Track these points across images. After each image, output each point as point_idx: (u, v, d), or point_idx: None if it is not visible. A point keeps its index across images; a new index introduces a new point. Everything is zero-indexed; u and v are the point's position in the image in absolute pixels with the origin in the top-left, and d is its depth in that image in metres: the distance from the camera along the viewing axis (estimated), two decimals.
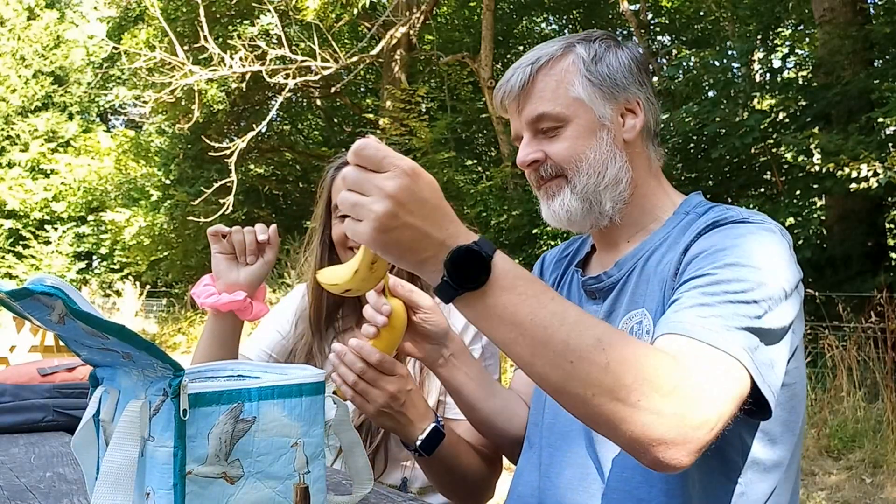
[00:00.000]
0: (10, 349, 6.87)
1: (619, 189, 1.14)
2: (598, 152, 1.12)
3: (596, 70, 1.12)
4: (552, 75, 1.13)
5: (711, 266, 0.95)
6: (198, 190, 12.57)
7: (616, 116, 1.14)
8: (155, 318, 16.74)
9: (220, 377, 0.91)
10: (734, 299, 0.90)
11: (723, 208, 1.11)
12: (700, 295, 0.92)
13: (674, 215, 1.16)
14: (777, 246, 0.99)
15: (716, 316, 0.88)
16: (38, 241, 21.05)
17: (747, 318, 0.89)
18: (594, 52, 1.14)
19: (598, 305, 1.16)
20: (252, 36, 11.33)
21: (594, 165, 1.12)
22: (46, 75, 21.89)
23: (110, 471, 0.77)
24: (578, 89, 1.12)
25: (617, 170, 1.13)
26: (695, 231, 1.05)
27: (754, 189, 8.96)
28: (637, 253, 1.14)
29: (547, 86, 1.13)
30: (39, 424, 1.65)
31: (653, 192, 1.19)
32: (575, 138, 1.12)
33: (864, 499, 4.27)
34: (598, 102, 1.12)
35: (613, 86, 1.13)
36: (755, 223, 1.02)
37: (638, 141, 1.17)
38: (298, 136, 18.26)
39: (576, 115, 1.12)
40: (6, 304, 0.78)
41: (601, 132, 1.13)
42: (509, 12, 15.42)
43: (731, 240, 0.98)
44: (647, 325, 1.07)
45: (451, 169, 10.07)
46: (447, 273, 0.78)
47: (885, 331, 5.38)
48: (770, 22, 9.57)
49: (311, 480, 0.88)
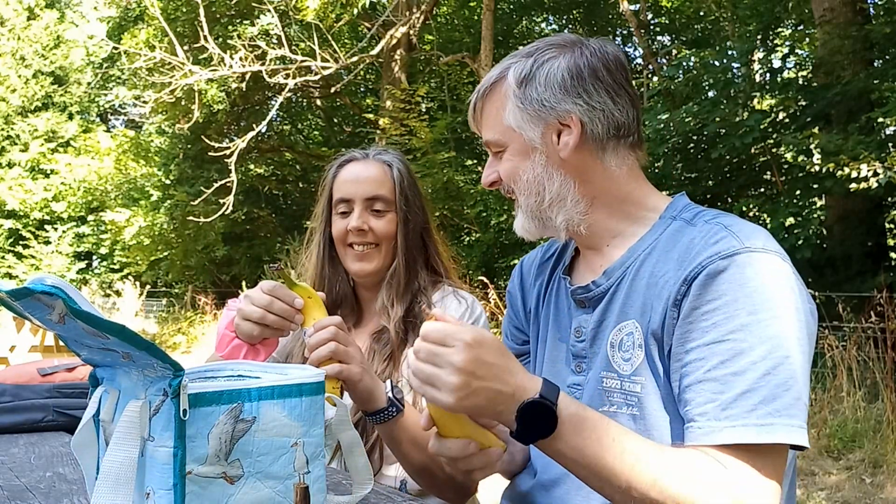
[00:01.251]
0: (10, 349, 6.87)
1: (568, 205, 1.15)
2: (531, 174, 1.15)
3: (523, 95, 1.14)
4: (492, 103, 1.18)
5: (720, 345, 0.97)
6: (198, 190, 12.57)
7: (548, 137, 1.14)
8: (155, 318, 16.74)
9: (220, 377, 0.91)
10: (761, 384, 0.94)
11: (714, 222, 1.07)
12: (722, 387, 0.96)
13: (660, 220, 1.15)
14: (784, 280, 1.00)
15: (751, 407, 0.93)
16: (38, 241, 21.04)
17: (778, 391, 0.94)
18: (525, 75, 1.14)
19: (588, 314, 1.16)
20: (252, 36, 11.32)
21: (530, 186, 1.16)
22: (46, 75, 21.89)
23: (110, 471, 0.77)
24: (509, 117, 1.15)
25: (557, 187, 1.14)
26: (696, 260, 1.02)
27: (754, 189, 8.95)
28: (626, 261, 1.13)
29: (489, 113, 1.19)
30: (39, 424, 1.65)
31: (630, 196, 1.17)
32: (511, 162, 1.17)
33: (864, 499, 4.27)
34: (526, 127, 1.15)
35: (541, 108, 1.13)
36: (759, 252, 1.00)
37: (580, 154, 1.14)
38: (298, 136, 18.27)
39: (511, 141, 1.16)
40: (6, 303, 0.78)
41: (533, 154, 1.15)
42: (509, 12, 15.42)
43: (740, 297, 0.98)
44: (638, 338, 1.07)
45: (451, 169, 10.06)
46: (519, 425, 0.93)
47: (885, 331, 5.38)
48: (770, 22, 9.56)
49: (311, 480, 0.88)
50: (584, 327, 1.16)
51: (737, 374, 0.94)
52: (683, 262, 1.04)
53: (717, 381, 0.95)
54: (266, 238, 15.94)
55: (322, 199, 1.63)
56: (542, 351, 1.27)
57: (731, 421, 0.93)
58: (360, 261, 1.55)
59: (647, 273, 1.10)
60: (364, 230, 1.54)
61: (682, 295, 1.02)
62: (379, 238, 1.56)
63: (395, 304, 1.54)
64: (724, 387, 0.94)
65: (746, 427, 0.92)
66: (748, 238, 1.02)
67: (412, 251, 1.59)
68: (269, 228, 16.17)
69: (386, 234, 1.56)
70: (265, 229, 16.18)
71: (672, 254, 1.08)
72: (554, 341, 1.23)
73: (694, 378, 0.97)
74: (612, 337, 1.11)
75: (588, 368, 1.14)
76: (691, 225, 1.10)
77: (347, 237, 1.56)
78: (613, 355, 1.10)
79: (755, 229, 1.05)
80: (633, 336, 1.08)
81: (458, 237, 10.41)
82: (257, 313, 1.25)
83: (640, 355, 1.07)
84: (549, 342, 1.25)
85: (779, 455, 0.95)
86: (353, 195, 1.56)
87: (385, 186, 1.58)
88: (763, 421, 0.92)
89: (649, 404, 1.04)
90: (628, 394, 1.07)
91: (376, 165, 1.60)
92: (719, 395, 0.94)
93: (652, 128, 8.09)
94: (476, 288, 8.23)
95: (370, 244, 1.55)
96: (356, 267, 1.56)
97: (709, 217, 1.10)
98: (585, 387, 1.14)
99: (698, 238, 1.05)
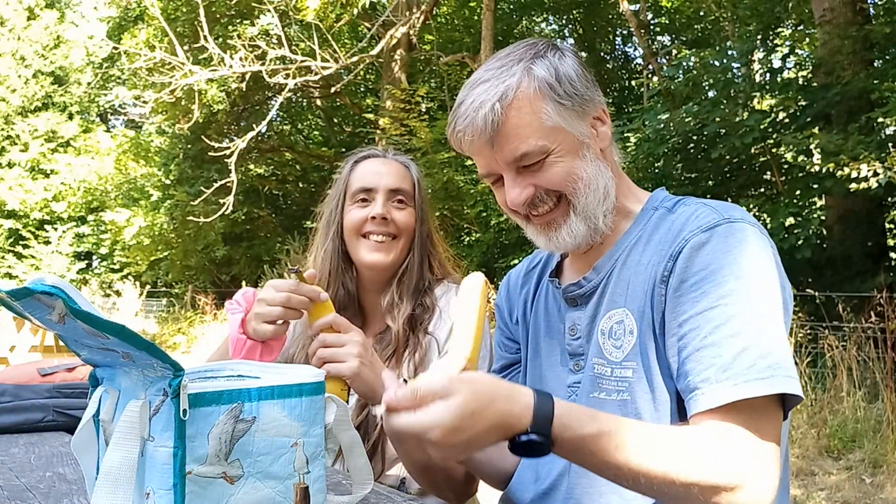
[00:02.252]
0: (10, 349, 6.87)
1: (609, 201, 1.14)
2: (588, 171, 1.11)
3: (562, 90, 1.09)
4: (523, 109, 1.07)
5: (712, 311, 0.99)
6: (198, 190, 12.58)
7: (590, 129, 1.13)
8: (155, 318, 16.74)
9: (220, 377, 0.91)
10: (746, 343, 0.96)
11: (693, 204, 1.11)
12: (714, 348, 0.98)
13: (642, 212, 1.17)
14: (763, 248, 1.03)
15: (750, 363, 0.95)
16: (38, 241, 21.05)
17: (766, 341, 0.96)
18: (554, 70, 1.09)
19: (581, 311, 1.17)
20: (252, 36, 11.33)
21: (588, 184, 1.11)
22: (46, 75, 21.90)
23: (110, 471, 0.77)
24: (553, 116, 1.08)
25: (605, 181, 1.13)
26: (679, 236, 1.05)
27: (754, 189, 8.95)
28: (613, 254, 1.15)
29: (521, 121, 1.07)
30: (39, 424, 1.65)
31: (622, 193, 1.19)
32: (563, 164, 1.10)
33: (863, 499, 4.27)
34: (574, 123, 1.10)
35: (581, 101, 1.11)
36: (739, 222, 1.04)
37: (609, 147, 1.17)
38: (298, 136, 18.28)
39: (558, 142, 1.09)
40: (6, 303, 0.78)
41: (584, 150, 1.11)
42: (509, 12, 15.43)
43: (725, 264, 1.01)
44: (629, 324, 1.08)
45: (451, 169, 10.06)
46: (513, 451, 0.91)
47: (885, 331, 5.38)
48: (770, 22, 9.57)
49: (311, 480, 0.88)
50: (578, 325, 1.17)
51: (732, 336, 0.96)
52: (667, 243, 1.07)
53: (715, 345, 0.97)
54: (266, 238, 15.95)
55: (335, 193, 1.62)
56: (535, 356, 1.27)
57: (733, 380, 0.94)
58: (376, 251, 1.54)
59: (633, 262, 1.11)
60: (386, 218, 1.54)
61: (668, 271, 1.04)
62: (399, 230, 1.56)
63: (405, 300, 1.54)
64: (720, 349, 0.96)
65: (748, 382, 0.93)
66: (727, 211, 1.06)
67: (424, 249, 1.60)
68: (269, 228, 16.18)
69: (406, 226, 1.57)
70: (265, 229, 16.19)
71: (654, 239, 1.10)
72: (548, 345, 1.24)
73: (692, 347, 0.99)
74: (602, 325, 1.12)
75: (585, 365, 1.15)
76: (671, 212, 1.13)
77: (365, 226, 1.55)
78: (604, 343, 1.11)
79: (733, 206, 1.09)
80: (623, 324, 1.09)
81: (458, 237, 10.41)
82: (277, 311, 1.25)
83: (632, 341, 1.07)
84: (542, 346, 1.25)
85: (776, 411, 0.97)
86: (376, 185, 1.57)
87: (407, 181, 1.60)
88: (762, 374, 0.94)
89: (640, 388, 1.06)
90: (619, 380, 1.08)
91: (396, 163, 1.63)
92: (717, 357, 0.96)
93: (652, 128, 8.10)
94: None
95: (389, 235, 1.55)
96: (371, 258, 1.53)
97: (687, 202, 1.14)
98: (584, 383, 1.14)
99: (680, 220, 1.09)
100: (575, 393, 1.15)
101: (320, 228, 1.64)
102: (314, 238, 1.67)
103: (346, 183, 1.61)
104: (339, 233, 1.60)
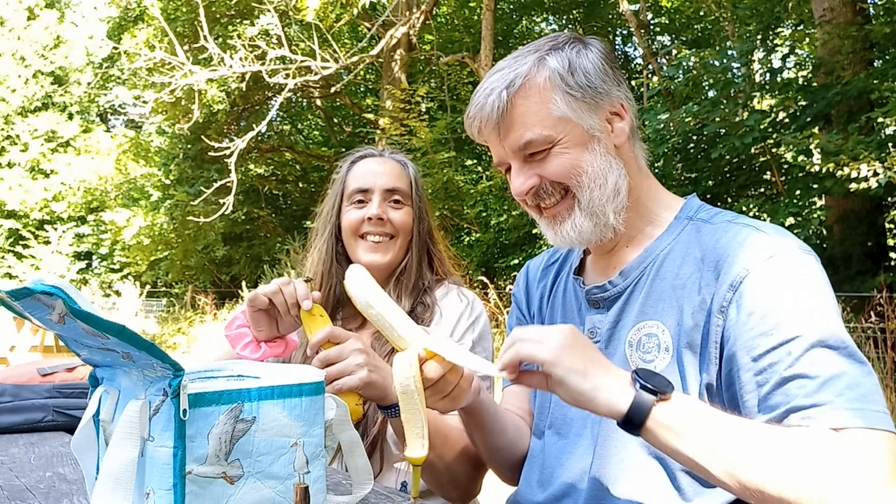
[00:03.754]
0: (10, 349, 6.86)
1: (620, 198, 1.11)
2: (595, 165, 1.08)
3: (574, 81, 1.07)
4: (530, 97, 1.07)
5: (790, 343, 0.94)
6: (198, 190, 12.59)
7: (604, 124, 1.10)
8: (155, 318, 16.72)
9: (220, 377, 0.91)
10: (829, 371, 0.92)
11: (738, 223, 1.07)
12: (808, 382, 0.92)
13: (676, 220, 1.13)
14: (823, 274, 1.01)
15: (838, 392, 0.90)
16: (38, 241, 21.03)
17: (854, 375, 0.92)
18: (567, 62, 1.08)
19: (603, 315, 1.14)
20: (252, 36, 11.32)
21: (594, 178, 1.08)
22: (46, 75, 21.87)
23: (110, 471, 0.77)
24: (561, 107, 1.07)
25: (616, 178, 1.10)
26: (737, 264, 1.00)
27: (754, 189, 8.95)
28: (643, 261, 1.11)
29: (528, 110, 1.07)
30: (39, 424, 1.65)
31: (647, 194, 1.16)
32: (568, 155, 1.08)
33: None
34: (583, 115, 1.08)
35: (595, 94, 1.08)
36: (796, 251, 1.01)
37: (628, 144, 1.14)
38: (298, 136, 18.28)
39: (565, 133, 1.08)
40: (6, 304, 0.78)
41: (593, 144, 1.09)
42: (509, 12, 15.42)
43: (792, 294, 0.97)
44: (664, 341, 1.05)
45: (451, 169, 10.06)
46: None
47: (885, 331, 5.37)
48: (770, 22, 9.56)
49: (311, 480, 0.88)
50: (598, 328, 1.14)
51: (815, 364, 0.92)
52: (717, 265, 1.02)
53: (800, 375, 0.92)
54: (266, 238, 15.95)
55: (332, 194, 1.63)
56: None
57: (820, 407, 0.89)
58: (373, 252, 1.54)
59: (669, 275, 1.08)
60: (382, 219, 1.54)
61: (727, 301, 0.99)
62: (396, 229, 1.56)
63: (403, 298, 1.53)
64: (807, 381, 0.91)
65: (837, 411, 0.88)
66: (782, 237, 1.02)
67: (423, 248, 1.59)
68: (268, 228, 16.18)
69: (403, 225, 1.57)
70: (265, 229, 16.19)
71: (694, 254, 1.06)
72: None
73: (775, 382, 0.94)
74: (631, 336, 1.09)
75: None
76: (710, 224, 1.09)
77: (362, 227, 1.55)
78: (631, 355, 1.08)
79: (783, 230, 1.06)
80: (656, 338, 1.06)
81: (458, 237, 10.40)
82: (261, 299, 1.28)
83: (667, 358, 1.04)
84: None
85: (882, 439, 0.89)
86: (371, 185, 1.57)
87: (403, 181, 1.60)
88: (852, 406, 0.88)
89: None
90: None
91: (392, 162, 1.62)
92: (802, 388, 0.91)
93: (652, 128, 8.09)
94: (476, 288, 8.23)
95: (386, 235, 1.55)
96: (368, 258, 1.53)
97: (729, 217, 1.09)
98: None
99: (726, 239, 1.04)
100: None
101: (318, 229, 1.64)
102: (312, 238, 1.67)
103: (343, 183, 1.61)
104: (337, 233, 1.60)
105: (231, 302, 13.91)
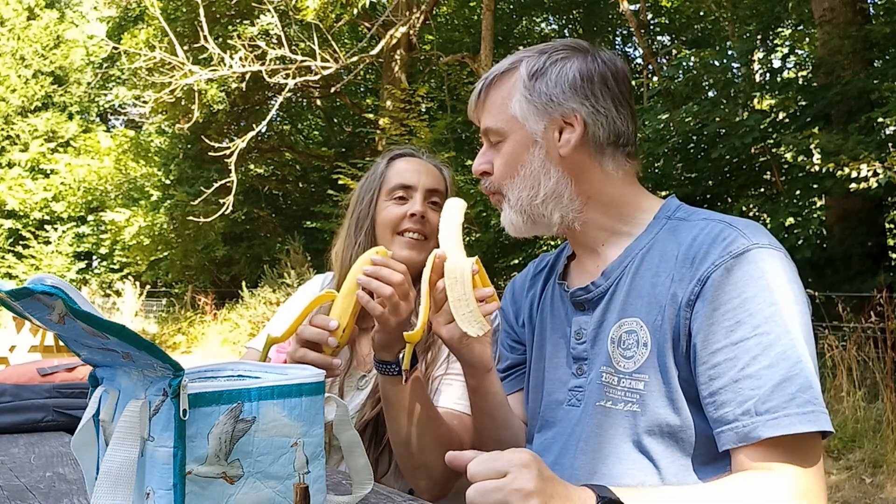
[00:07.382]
0: (10, 349, 6.86)
1: (564, 201, 1.16)
2: (529, 167, 1.16)
3: (533, 87, 1.16)
4: (498, 91, 1.20)
5: (748, 341, 0.98)
6: (198, 190, 12.59)
7: (551, 132, 1.16)
8: (155, 318, 16.74)
9: (220, 377, 0.91)
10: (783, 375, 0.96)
11: (713, 220, 1.09)
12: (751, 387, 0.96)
13: (654, 220, 1.17)
14: (792, 274, 1.03)
15: (790, 396, 0.94)
16: (38, 241, 21.04)
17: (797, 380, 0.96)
18: (537, 69, 1.16)
19: (588, 316, 1.17)
20: (252, 36, 11.33)
21: (526, 180, 1.16)
22: (46, 75, 21.88)
23: (110, 471, 0.77)
24: (515, 107, 1.16)
25: (554, 184, 1.15)
26: (707, 260, 1.04)
27: (754, 189, 8.94)
28: (623, 260, 1.15)
29: (494, 101, 1.20)
30: (39, 424, 1.65)
31: (625, 199, 1.19)
32: (510, 154, 1.18)
33: (864, 499, 4.27)
34: (530, 119, 1.16)
35: (548, 103, 1.15)
36: (767, 248, 1.03)
37: (580, 154, 1.16)
38: (298, 136, 18.28)
39: (512, 131, 1.17)
40: (6, 303, 0.78)
41: (534, 148, 1.16)
42: (509, 12, 15.42)
43: (758, 292, 0.99)
44: (643, 336, 1.07)
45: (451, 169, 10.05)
46: None
47: (885, 331, 5.38)
48: (770, 22, 9.57)
49: (311, 480, 0.88)
50: (584, 329, 1.17)
51: (770, 367, 0.95)
52: (690, 261, 1.05)
53: (752, 377, 0.96)
54: (266, 238, 15.96)
55: (369, 188, 1.60)
56: (539, 357, 1.27)
57: (772, 413, 0.93)
58: (410, 248, 1.53)
59: (648, 272, 1.10)
60: (424, 217, 1.54)
61: (695, 295, 1.03)
62: (432, 231, 1.55)
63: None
64: (759, 381, 0.95)
65: (789, 417, 0.93)
66: (754, 235, 1.04)
67: None
68: (268, 228, 16.19)
69: (437, 228, 1.57)
70: (265, 229, 16.20)
71: (671, 251, 1.09)
72: (553, 347, 1.24)
73: (728, 378, 0.97)
74: (613, 333, 1.11)
75: (589, 370, 1.15)
76: (687, 222, 1.12)
77: (402, 223, 1.54)
78: (613, 351, 1.11)
79: (756, 226, 1.08)
80: (636, 334, 1.08)
81: None
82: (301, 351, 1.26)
83: (645, 353, 1.07)
84: (547, 348, 1.25)
85: (818, 445, 0.96)
86: (415, 183, 1.57)
87: (442, 184, 1.62)
88: (804, 409, 0.93)
89: (652, 401, 1.05)
90: (628, 391, 1.07)
91: (431, 165, 1.64)
92: (757, 389, 0.95)
93: (652, 128, 8.09)
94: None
95: (423, 235, 1.55)
96: (404, 254, 1.52)
97: (705, 215, 1.12)
98: (587, 388, 1.14)
99: (701, 236, 1.07)
100: (578, 398, 1.15)
101: (349, 223, 1.61)
102: (340, 231, 1.64)
103: (382, 178, 1.59)
104: (372, 228, 1.58)
105: (231, 302, 13.89)
